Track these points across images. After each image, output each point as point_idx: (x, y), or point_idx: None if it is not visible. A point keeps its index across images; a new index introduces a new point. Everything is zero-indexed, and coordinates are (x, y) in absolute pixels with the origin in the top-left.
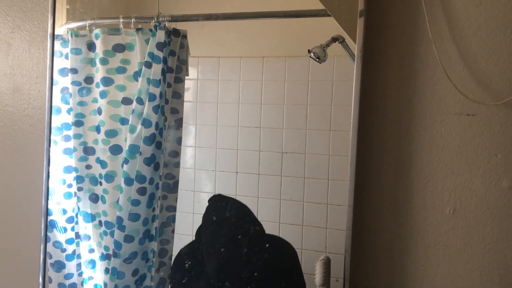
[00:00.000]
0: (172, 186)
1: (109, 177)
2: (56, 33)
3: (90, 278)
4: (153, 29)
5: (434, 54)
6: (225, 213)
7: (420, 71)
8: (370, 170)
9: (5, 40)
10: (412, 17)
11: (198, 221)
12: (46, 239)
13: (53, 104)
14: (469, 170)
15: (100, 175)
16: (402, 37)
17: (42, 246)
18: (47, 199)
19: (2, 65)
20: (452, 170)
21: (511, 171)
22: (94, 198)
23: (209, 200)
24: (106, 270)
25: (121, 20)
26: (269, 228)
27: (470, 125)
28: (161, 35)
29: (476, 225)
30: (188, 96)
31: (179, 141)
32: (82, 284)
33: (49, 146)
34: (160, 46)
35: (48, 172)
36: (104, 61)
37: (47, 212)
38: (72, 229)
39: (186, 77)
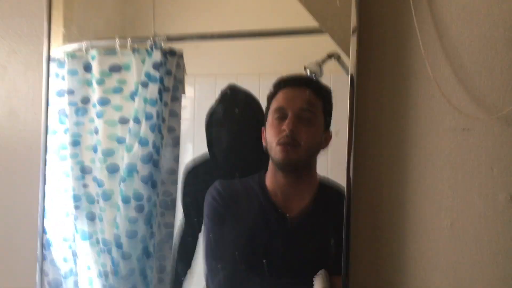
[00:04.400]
0: (169, 203)
1: (106, 196)
2: (52, 55)
3: None
4: (149, 49)
5: (427, 70)
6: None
7: (414, 88)
8: (366, 185)
9: (1, 64)
10: (404, 34)
11: None
12: (42, 258)
13: (50, 125)
14: (465, 184)
15: (97, 193)
16: (395, 54)
17: (38, 265)
18: (43, 217)
19: None
20: (448, 184)
21: (508, 185)
22: (91, 217)
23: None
24: None
25: (117, 41)
26: None
27: (466, 140)
28: (157, 55)
29: (474, 238)
30: (185, 114)
31: (176, 158)
32: None
33: (45, 166)
34: (156, 66)
35: (44, 192)
36: (100, 82)
37: (43, 231)
38: (69, 247)
39: (183, 95)
